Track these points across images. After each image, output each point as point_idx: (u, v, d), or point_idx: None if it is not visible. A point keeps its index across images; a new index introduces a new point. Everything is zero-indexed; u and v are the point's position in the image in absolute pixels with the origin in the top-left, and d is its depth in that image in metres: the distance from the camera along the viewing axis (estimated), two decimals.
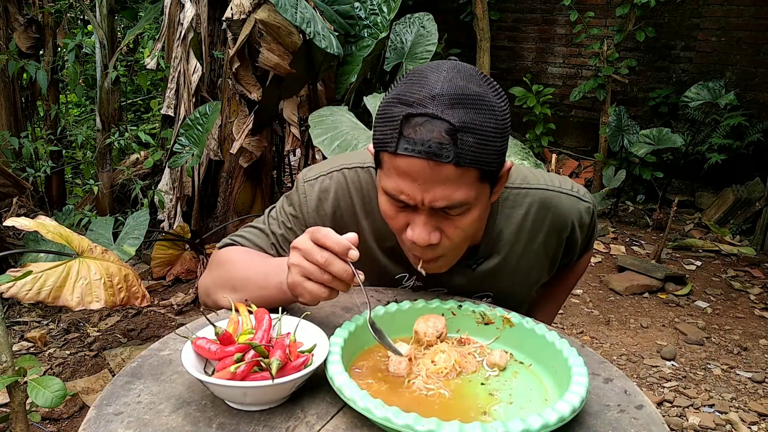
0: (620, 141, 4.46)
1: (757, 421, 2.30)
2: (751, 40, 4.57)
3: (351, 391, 0.73)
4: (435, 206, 0.85)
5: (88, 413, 0.76)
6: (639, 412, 0.79)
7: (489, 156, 0.83)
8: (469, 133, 0.80)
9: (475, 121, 0.81)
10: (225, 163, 3.52)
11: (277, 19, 2.79)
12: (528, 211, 1.05)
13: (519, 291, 1.13)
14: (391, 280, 1.11)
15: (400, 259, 1.04)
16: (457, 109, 0.80)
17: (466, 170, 0.82)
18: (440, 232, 0.89)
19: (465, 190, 0.83)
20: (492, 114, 0.82)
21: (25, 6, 3.53)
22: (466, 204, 0.85)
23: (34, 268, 1.74)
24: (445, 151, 0.80)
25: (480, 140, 0.81)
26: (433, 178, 0.82)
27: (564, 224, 1.07)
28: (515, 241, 1.06)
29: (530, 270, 1.10)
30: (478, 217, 0.89)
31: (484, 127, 0.81)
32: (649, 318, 3.09)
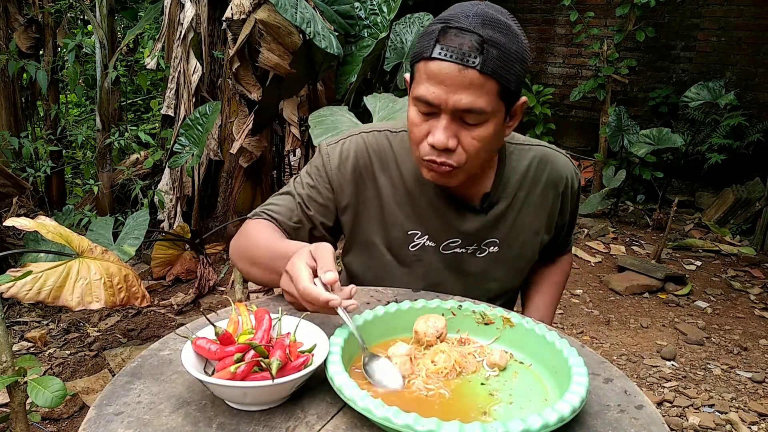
0: (620, 141, 4.46)
1: (757, 421, 2.30)
2: (751, 40, 4.57)
3: (351, 391, 0.73)
4: (458, 107, 0.95)
5: (88, 413, 0.76)
6: (639, 412, 0.79)
7: (508, 73, 0.95)
8: (495, 47, 0.93)
9: (501, 40, 0.94)
10: (225, 163, 3.52)
11: (277, 19, 2.79)
12: (531, 163, 1.18)
13: (522, 241, 1.20)
14: (404, 236, 1.17)
15: (413, 214, 1.15)
16: (487, 27, 0.93)
17: (488, 80, 0.93)
18: (457, 140, 0.99)
19: (485, 98, 0.94)
20: (516, 40, 0.96)
21: (25, 6, 3.53)
22: (484, 113, 0.96)
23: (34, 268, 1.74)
24: (472, 57, 0.92)
25: (503, 56, 0.94)
26: (459, 81, 0.93)
27: (559, 178, 1.20)
28: (519, 188, 1.17)
29: (532, 219, 1.19)
30: (492, 133, 0.99)
31: (507, 47, 0.94)
32: (649, 318, 3.09)
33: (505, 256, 1.19)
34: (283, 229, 1.15)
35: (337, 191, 1.16)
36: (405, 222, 1.16)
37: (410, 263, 1.18)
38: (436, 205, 1.15)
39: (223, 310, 1.03)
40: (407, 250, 1.17)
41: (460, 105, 0.94)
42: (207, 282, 3.08)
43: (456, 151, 0.99)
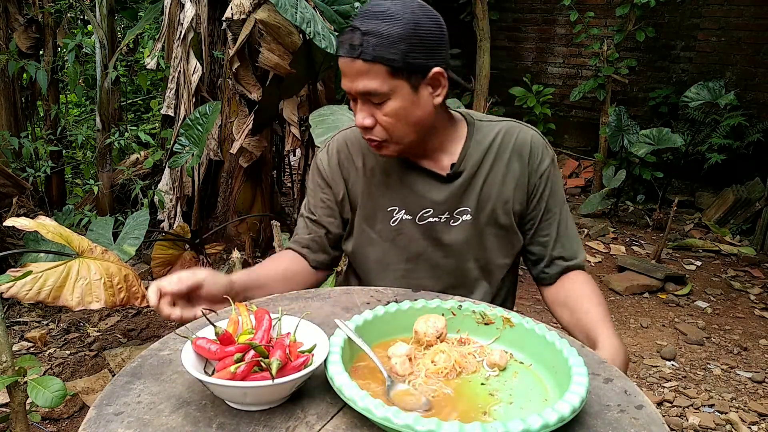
0: (620, 141, 4.46)
1: (757, 421, 2.30)
2: (751, 40, 4.57)
3: (351, 391, 0.73)
4: (359, 91, 1.12)
5: (88, 413, 0.76)
6: (639, 412, 0.79)
7: (391, 55, 1.07)
8: (374, 36, 1.07)
9: (380, 28, 1.07)
10: (225, 163, 3.52)
11: (277, 19, 2.79)
12: (496, 136, 1.27)
13: (492, 208, 1.26)
14: (384, 214, 1.28)
15: (390, 192, 1.27)
16: (369, 21, 1.08)
17: (372, 65, 1.08)
18: (373, 118, 1.14)
19: (376, 80, 1.09)
20: (397, 24, 1.07)
21: (25, 6, 3.53)
22: (380, 93, 1.10)
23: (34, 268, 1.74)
24: (354, 50, 1.08)
25: (382, 43, 1.07)
26: (353, 71, 1.10)
27: (524, 143, 1.27)
28: (485, 158, 1.26)
29: (500, 188, 1.26)
30: (401, 107, 1.13)
31: (387, 34, 1.07)
32: (649, 318, 3.09)
33: (478, 223, 1.26)
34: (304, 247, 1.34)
35: (333, 187, 1.31)
36: (384, 200, 1.28)
37: (393, 238, 1.28)
38: (407, 180, 1.26)
39: (223, 310, 1.03)
40: (389, 225, 1.28)
41: (358, 89, 1.11)
42: None
43: (375, 127, 1.15)
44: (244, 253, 3.29)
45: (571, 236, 1.30)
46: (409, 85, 1.11)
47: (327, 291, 1.14)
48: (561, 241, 1.29)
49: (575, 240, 1.31)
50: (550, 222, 1.28)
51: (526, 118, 5.31)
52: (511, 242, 1.29)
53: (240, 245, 3.48)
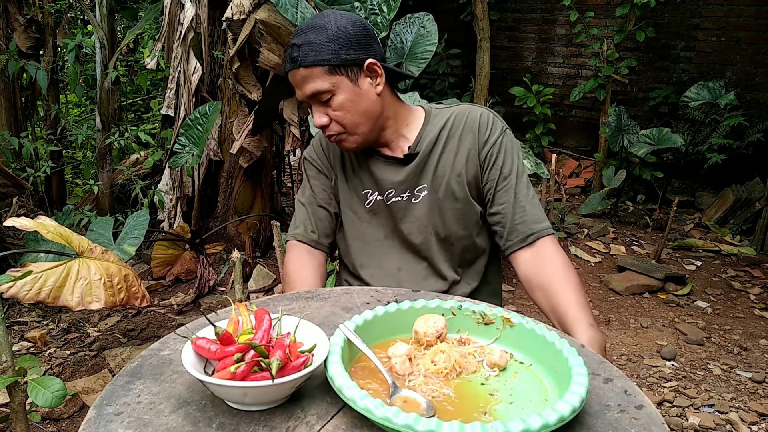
0: (620, 141, 4.45)
1: (757, 421, 2.30)
2: (751, 40, 4.57)
3: (351, 391, 0.73)
4: (306, 95, 1.26)
5: (88, 413, 0.76)
6: (639, 412, 0.79)
7: (324, 55, 1.23)
8: (306, 46, 1.23)
9: (309, 37, 1.23)
10: (225, 163, 3.52)
11: (277, 19, 2.79)
12: (449, 117, 1.39)
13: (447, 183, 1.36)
14: (360, 196, 1.41)
15: (362, 176, 1.41)
16: (302, 36, 1.24)
17: (312, 69, 1.23)
18: (327, 117, 1.28)
19: (318, 81, 1.24)
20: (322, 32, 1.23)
21: (25, 6, 3.53)
22: (324, 90, 1.25)
23: (34, 268, 1.74)
24: (295, 62, 1.24)
25: (313, 49, 1.23)
26: (298, 79, 1.26)
27: (474, 120, 1.37)
28: (438, 139, 1.37)
29: (453, 163, 1.36)
30: (346, 99, 1.26)
31: (316, 41, 1.23)
32: (649, 318, 3.09)
33: (436, 198, 1.37)
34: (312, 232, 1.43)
35: (327, 173, 1.45)
36: (358, 185, 1.41)
37: (369, 218, 1.42)
38: (371, 166, 1.39)
39: (223, 310, 1.03)
40: (365, 207, 1.41)
41: (307, 93, 1.26)
42: (207, 282, 3.08)
43: (331, 124, 1.29)
44: (244, 253, 3.29)
45: (531, 203, 1.34)
46: (348, 78, 1.26)
47: (327, 291, 1.14)
48: (520, 207, 1.33)
49: (536, 207, 1.34)
50: (507, 189, 1.34)
51: (526, 118, 5.31)
52: (468, 213, 1.37)
53: (240, 245, 3.48)
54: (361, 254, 1.43)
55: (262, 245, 3.63)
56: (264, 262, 3.46)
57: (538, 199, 1.40)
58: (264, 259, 3.54)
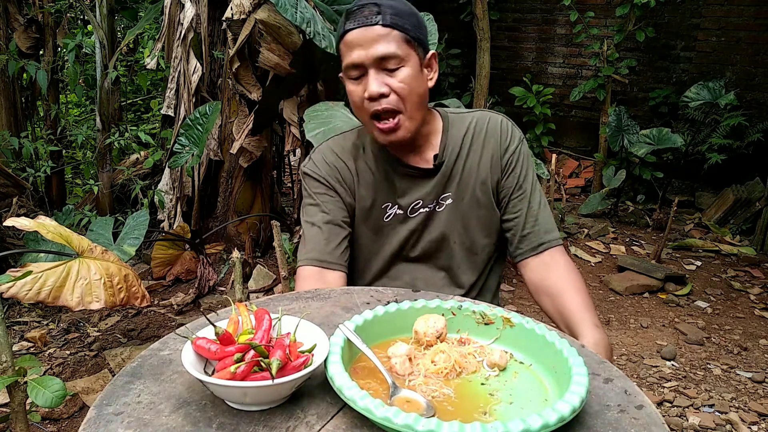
0: (620, 141, 4.45)
1: (757, 421, 2.30)
2: (751, 40, 4.57)
3: (351, 391, 0.73)
4: (376, 56, 1.17)
5: (88, 413, 0.76)
6: (639, 412, 0.79)
7: (405, 24, 1.18)
8: (388, 8, 1.18)
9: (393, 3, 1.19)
10: (225, 163, 3.52)
11: (277, 19, 2.79)
12: (470, 123, 1.36)
13: (471, 190, 1.33)
14: (379, 211, 1.34)
15: (383, 190, 1.33)
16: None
17: (390, 30, 1.17)
18: (388, 87, 1.19)
19: (393, 44, 1.17)
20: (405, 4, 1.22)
21: (25, 6, 3.53)
22: (397, 56, 1.18)
23: (34, 268, 1.74)
24: (373, 17, 1.17)
25: (397, 13, 1.18)
26: (369, 38, 1.17)
27: (495, 126, 1.36)
28: (463, 146, 1.34)
29: (478, 170, 1.33)
30: (413, 75, 1.20)
31: (399, 7, 1.19)
32: (649, 318, 3.09)
33: (460, 207, 1.34)
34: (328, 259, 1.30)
35: (336, 188, 1.34)
36: (377, 199, 1.34)
37: (386, 233, 1.35)
38: (396, 178, 1.33)
39: (223, 310, 1.03)
40: (382, 221, 1.35)
41: (377, 54, 1.17)
42: (207, 282, 3.08)
43: (390, 95, 1.19)
44: (244, 253, 3.29)
45: (543, 213, 1.34)
46: (418, 57, 1.21)
47: (327, 291, 1.14)
48: (533, 217, 1.33)
49: (548, 218, 1.35)
50: (521, 198, 1.34)
51: (526, 118, 5.31)
52: (492, 219, 1.36)
53: (240, 245, 3.48)
54: (373, 267, 1.37)
55: (262, 245, 3.63)
56: (264, 262, 3.46)
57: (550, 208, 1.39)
58: (264, 259, 3.54)
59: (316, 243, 1.30)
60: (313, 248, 1.30)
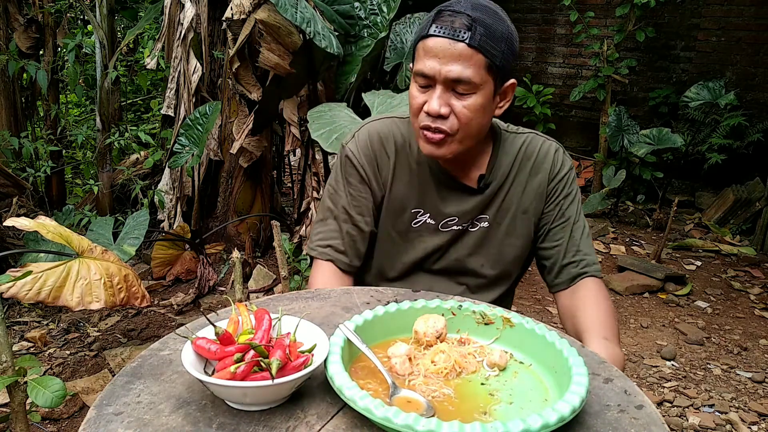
0: (620, 141, 4.46)
1: (757, 421, 2.30)
2: (751, 40, 4.57)
3: (351, 391, 0.73)
4: (449, 77, 1.08)
5: (88, 413, 0.76)
6: (639, 412, 0.79)
7: (494, 49, 1.08)
8: (482, 26, 1.07)
9: (488, 21, 1.08)
10: (225, 163, 3.52)
11: (277, 19, 2.79)
12: (522, 145, 1.29)
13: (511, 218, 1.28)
14: (408, 214, 1.28)
15: (417, 194, 1.27)
16: (476, 11, 1.08)
17: (475, 53, 1.07)
18: (450, 109, 1.11)
19: (473, 69, 1.08)
20: (502, 23, 1.10)
21: (25, 6, 3.53)
22: (472, 83, 1.09)
23: (34, 268, 1.74)
24: (462, 33, 1.07)
25: (489, 34, 1.07)
26: (450, 54, 1.07)
27: (546, 154, 1.29)
28: (511, 169, 1.28)
29: (521, 198, 1.28)
30: (481, 105, 1.12)
31: (493, 28, 1.08)
32: (649, 318, 3.09)
33: (494, 232, 1.28)
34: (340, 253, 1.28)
35: (368, 182, 1.28)
36: (410, 201, 1.28)
37: (412, 239, 1.29)
38: (437, 188, 1.26)
39: (223, 310, 1.03)
40: (410, 226, 1.29)
41: (451, 75, 1.08)
42: (207, 282, 3.08)
43: (449, 118, 1.12)
44: (244, 253, 3.29)
45: (584, 245, 1.28)
46: (494, 85, 1.13)
47: (327, 291, 1.14)
48: (573, 248, 1.27)
49: (589, 248, 1.28)
50: (563, 227, 1.27)
51: (526, 118, 5.31)
52: (525, 251, 1.31)
53: (240, 245, 3.48)
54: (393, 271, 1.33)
55: (262, 245, 3.63)
56: (264, 262, 3.46)
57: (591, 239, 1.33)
58: (264, 259, 3.54)
59: (331, 237, 1.28)
60: (328, 241, 1.28)
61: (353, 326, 0.89)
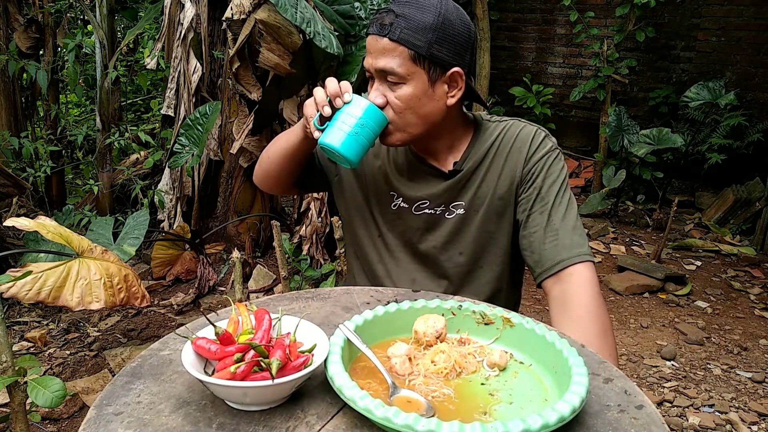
0: (620, 141, 4.46)
1: (757, 421, 2.30)
2: (751, 40, 4.57)
3: (351, 391, 0.73)
4: (377, 68, 1.15)
5: (88, 413, 0.76)
6: (639, 412, 0.79)
7: (418, 41, 1.12)
8: (404, 20, 1.12)
9: (413, 15, 1.12)
10: (225, 163, 3.52)
11: (277, 19, 2.79)
12: (500, 132, 1.30)
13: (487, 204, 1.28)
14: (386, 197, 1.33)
15: (392, 177, 1.32)
16: (404, 6, 1.13)
17: (397, 45, 1.12)
18: (384, 98, 1.16)
19: (397, 61, 1.13)
20: (432, 16, 1.12)
21: (25, 6, 3.53)
22: (398, 74, 1.13)
23: (34, 268, 1.74)
24: (383, 29, 1.13)
25: (412, 26, 1.11)
26: (377, 48, 1.14)
27: (523, 137, 1.28)
28: (486, 156, 1.28)
29: (497, 184, 1.27)
30: (413, 95, 1.15)
31: (418, 20, 1.12)
32: (649, 318, 3.09)
33: (471, 218, 1.28)
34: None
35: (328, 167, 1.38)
36: (386, 185, 1.33)
37: (392, 220, 1.34)
38: (409, 171, 1.31)
39: (223, 310, 1.03)
40: (390, 208, 1.33)
41: (377, 66, 1.15)
42: (207, 282, 3.08)
43: (385, 108, 1.16)
44: (244, 253, 3.30)
45: (565, 227, 1.19)
46: (427, 76, 1.15)
47: (327, 291, 1.14)
48: (552, 231, 1.19)
49: (571, 232, 1.19)
50: (542, 211, 1.21)
51: (526, 118, 5.28)
52: (506, 240, 1.29)
53: (240, 245, 3.48)
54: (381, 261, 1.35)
55: (262, 245, 3.63)
56: (264, 262, 3.46)
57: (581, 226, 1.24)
58: (264, 259, 3.54)
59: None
60: None
61: (353, 326, 0.89)
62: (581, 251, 1.17)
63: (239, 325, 0.86)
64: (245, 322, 0.86)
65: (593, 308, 1.13)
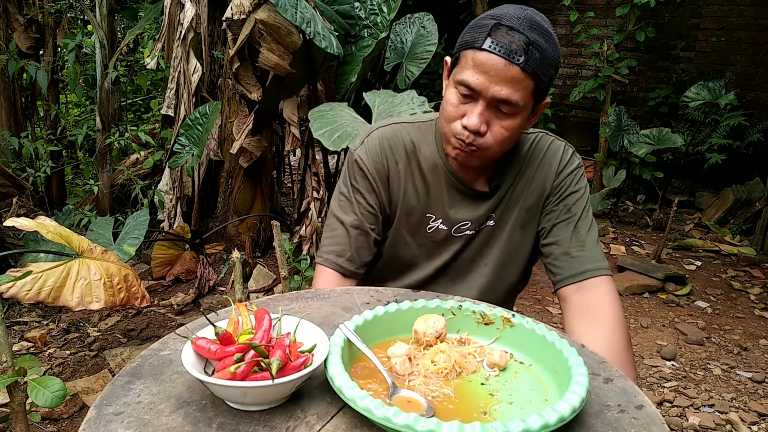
0: (620, 141, 4.46)
1: (757, 421, 2.30)
2: (751, 40, 4.57)
3: (351, 391, 0.73)
4: (496, 97, 1.07)
5: (88, 413, 0.76)
6: (639, 412, 0.79)
7: (544, 75, 1.07)
8: (538, 50, 1.05)
9: (543, 45, 1.05)
10: (225, 163, 3.52)
11: (277, 19, 2.79)
12: (530, 145, 1.28)
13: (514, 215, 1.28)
14: (422, 219, 1.28)
15: (429, 199, 1.26)
16: (534, 32, 1.05)
17: (527, 77, 1.05)
18: (488, 126, 1.11)
19: (521, 93, 1.07)
20: (554, 48, 1.08)
21: (25, 6, 3.53)
22: (517, 105, 1.08)
23: (34, 268, 1.74)
24: (518, 55, 1.04)
25: (543, 59, 1.06)
26: (503, 74, 1.05)
27: (555, 153, 1.27)
28: (518, 170, 1.27)
29: (526, 196, 1.27)
30: (519, 126, 1.12)
31: (548, 53, 1.06)
32: (649, 318, 3.09)
33: (501, 230, 1.28)
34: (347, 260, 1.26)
35: (377, 189, 1.27)
36: (422, 206, 1.28)
37: (426, 242, 1.30)
38: (448, 192, 1.26)
39: (223, 310, 1.03)
40: (425, 231, 1.29)
41: (499, 95, 1.07)
42: (207, 282, 3.08)
43: (485, 135, 1.12)
44: (244, 253, 3.30)
45: (593, 241, 1.23)
46: (533, 106, 1.13)
47: (327, 291, 1.14)
48: (578, 242, 1.22)
49: (595, 246, 1.22)
50: (567, 223, 1.24)
51: None
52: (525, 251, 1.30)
53: (240, 245, 3.48)
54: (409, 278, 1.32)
55: (262, 245, 3.63)
56: (264, 262, 3.46)
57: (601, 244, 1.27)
58: (264, 259, 3.54)
59: (339, 244, 1.27)
60: (337, 250, 1.27)
61: (353, 326, 0.89)
62: (604, 265, 1.21)
63: (239, 325, 0.86)
64: (245, 322, 0.86)
65: (619, 320, 1.16)
